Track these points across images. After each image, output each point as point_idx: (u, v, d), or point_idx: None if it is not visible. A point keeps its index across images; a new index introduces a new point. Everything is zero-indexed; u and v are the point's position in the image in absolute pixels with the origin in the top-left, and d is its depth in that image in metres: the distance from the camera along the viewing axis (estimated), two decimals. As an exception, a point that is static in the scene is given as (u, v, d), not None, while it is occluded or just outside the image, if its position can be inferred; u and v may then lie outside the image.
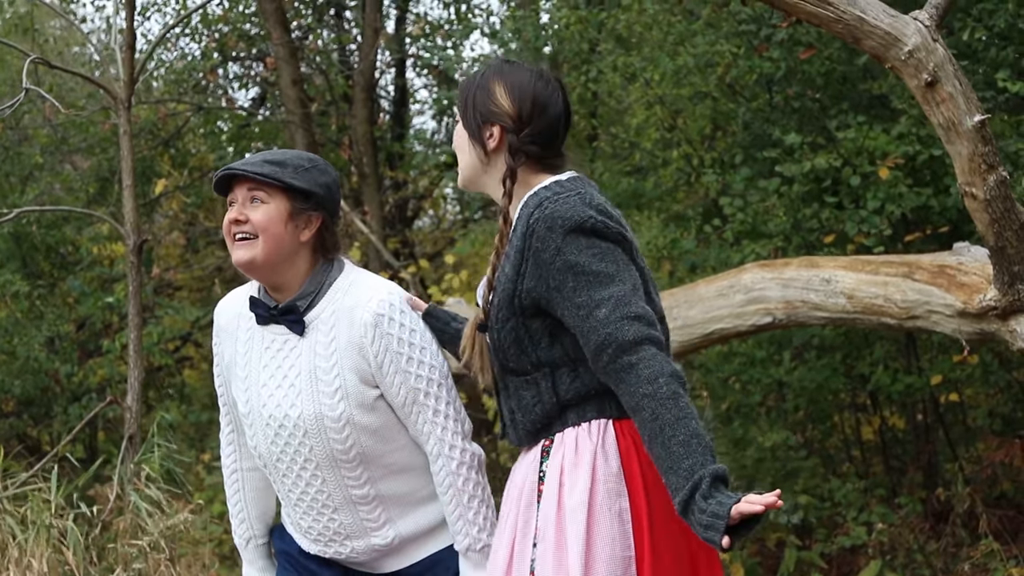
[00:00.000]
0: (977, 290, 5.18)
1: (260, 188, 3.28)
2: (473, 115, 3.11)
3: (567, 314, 2.90)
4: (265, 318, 3.37)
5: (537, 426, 3.03)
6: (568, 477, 2.93)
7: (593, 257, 2.88)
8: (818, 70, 7.38)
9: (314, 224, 3.34)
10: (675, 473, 2.71)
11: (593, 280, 2.86)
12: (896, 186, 6.82)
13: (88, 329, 11.17)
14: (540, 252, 2.91)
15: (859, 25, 4.64)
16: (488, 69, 3.16)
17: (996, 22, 6.82)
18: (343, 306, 3.32)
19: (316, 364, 3.31)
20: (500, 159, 3.09)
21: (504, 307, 2.99)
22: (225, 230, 3.34)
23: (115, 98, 6.50)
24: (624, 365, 2.81)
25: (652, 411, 2.75)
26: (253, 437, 3.43)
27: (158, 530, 5.82)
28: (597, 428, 2.95)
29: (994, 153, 4.65)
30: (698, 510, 2.66)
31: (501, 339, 3.02)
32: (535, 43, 8.91)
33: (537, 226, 2.91)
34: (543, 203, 2.95)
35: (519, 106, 3.07)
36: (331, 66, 11.82)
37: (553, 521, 2.93)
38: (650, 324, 2.85)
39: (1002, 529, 7.18)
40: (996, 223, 4.71)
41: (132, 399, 6.34)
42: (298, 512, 3.44)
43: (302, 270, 3.35)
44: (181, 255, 12.11)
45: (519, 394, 3.05)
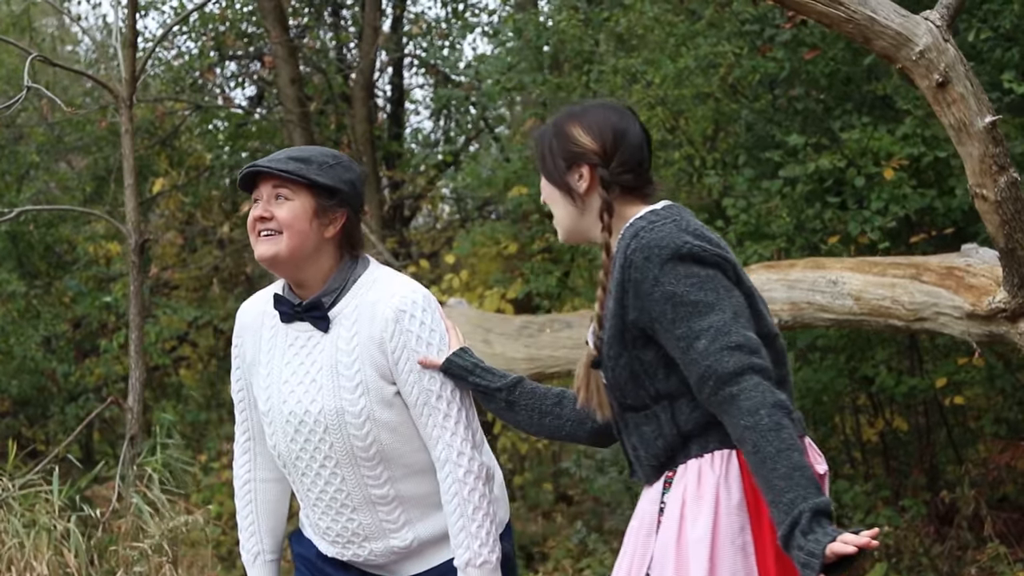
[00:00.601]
0: (986, 292, 5.16)
1: (285, 185, 3.27)
2: (555, 163, 3.08)
3: (669, 345, 2.87)
4: (290, 315, 3.35)
5: (661, 459, 2.98)
6: (690, 509, 2.88)
7: (691, 286, 2.85)
8: (822, 71, 7.35)
9: (339, 221, 3.32)
10: (776, 507, 2.69)
11: (692, 310, 2.83)
12: (900, 187, 6.80)
13: (84, 329, 11.13)
14: (640, 283, 2.88)
15: (870, 25, 4.61)
16: (558, 116, 3.14)
17: (1002, 23, 6.80)
18: (366, 301, 3.30)
19: (338, 359, 3.28)
20: (594, 199, 3.06)
21: (615, 342, 2.95)
22: (249, 227, 3.32)
23: (116, 96, 6.46)
24: (726, 397, 2.78)
25: (753, 443, 2.73)
26: (272, 436, 3.39)
27: (160, 532, 5.77)
28: (720, 459, 2.90)
29: (1005, 154, 4.62)
30: (796, 547, 2.64)
31: (616, 375, 2.98)
32: (536, 42, 8.87)
33: (635, 256, 2.89)
34: (639, 233, 2.92)
35: (601, 140, 3.04)
36: (330, 65, 11.78)
37: (672, 553, 2.88)
38: (752, 352, 2.80)
39: (1007, 532, 7.16)
40: (1006, 225, 4.68)
41: (133, 399, 6.29)
42: (316, 512, 3.40)
43: (326, 267, 3.33)
44: (178, 254, 12.07)
45: (640, 430, 3.00)
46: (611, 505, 8.19)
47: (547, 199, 3.14)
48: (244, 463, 3.56)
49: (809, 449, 2.94)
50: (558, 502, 10.28)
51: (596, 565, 8.19)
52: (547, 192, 3.13)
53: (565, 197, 3.08)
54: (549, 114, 9.17)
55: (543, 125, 3.19)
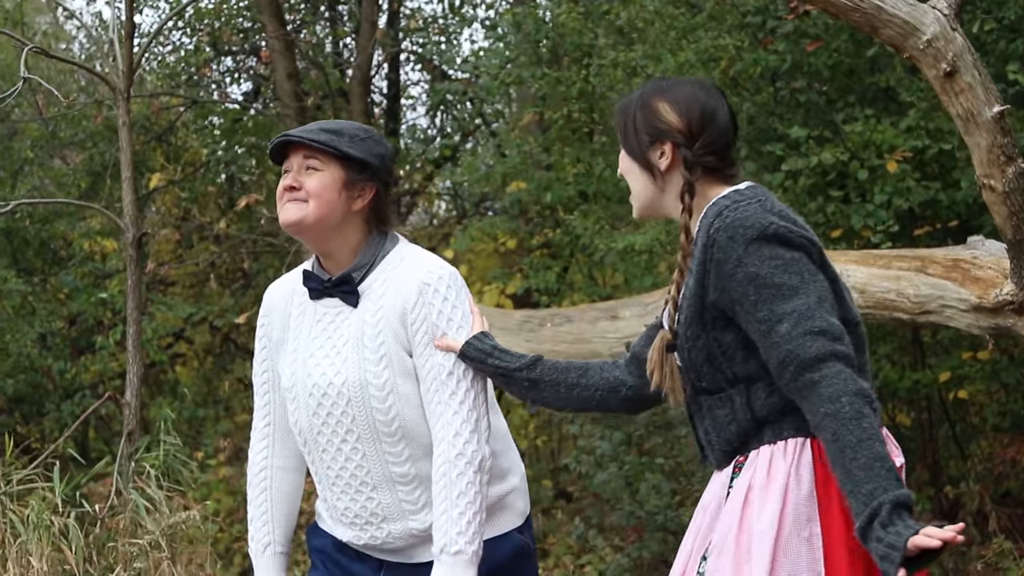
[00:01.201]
0: (992, 284, 5.14)
1: (315, 156, 3.28)
2: (638, 137, 3.01)
3: (750, 328, 2.82)
4: (319, 291, 3.35)
5: (733, 445, 2.93)
6: (756, 496, 2.82)
7: (776, 268, 2.79)
8: (824, 63, 7.32)
9: (367, 194, 3.32)
10: (855, 497, 2.64)
11: (775, 293, 2.78)
12: (904, 180, 6.76)
13: (80, 326, 11.07)
14: (722, 263, 2.82)
15: (877, 14, 4.58)
16: (645, 89, 3.08)
17: (1006, 14, 6.77)
18: (394, 276, 3.30)
19: (364, 331, 3.27)
20: (674, 178, 3.00)
21: (693, 323, 2.90)
22: (278, 196, 3.33)
23: (114, 88, 6.41)
24: (806, 383, 2.72)
25: (833, 432, 2.67)
26: (295, 412, 3.36)
27: (159, 529, 5.72)
28: (793, 447, 2.84)
29: (1013, 145, 4.60)
30: (875, 538, 2.58)
31: (693, 357, 2.92)
32: (535, 36, 8.82)
33: (718, 236, 2.83)
34: (723, 212, 2.86)
35: (688, 118, 2.98)
36: (327, 60, 11.72)
37: (732, 539, 2.82)
38: (835, 338, 2.74)
39: (1012, 527, 7.13)
40: (1015, 216, 4.66)
41: (131, 395, 6.24)
42: (335, 492, 3.35)
43: (353, 240, 3.33)
44: (174, 251, 12.01)
45: (713, 413, 2.95)
46: (611, 502, 8.13)
47: (625, 172, 3.08)
48: (261, 449, 3.52)
49: (888, 440, 2.87)
50: (558, 499, 10.23)
51: (596, 561, 8.15)
52: (625, 165, 3.07)
53: (644, 173, 3.02)
54: (548, 109, 9.16)
55: (628, 96, 3.13)
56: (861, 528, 2.61)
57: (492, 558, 3.33)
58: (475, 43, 16.46)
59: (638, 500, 7.42)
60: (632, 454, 7.71)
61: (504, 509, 3.41)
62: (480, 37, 15.85)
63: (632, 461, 7.53)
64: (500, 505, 3.39)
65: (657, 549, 7.25)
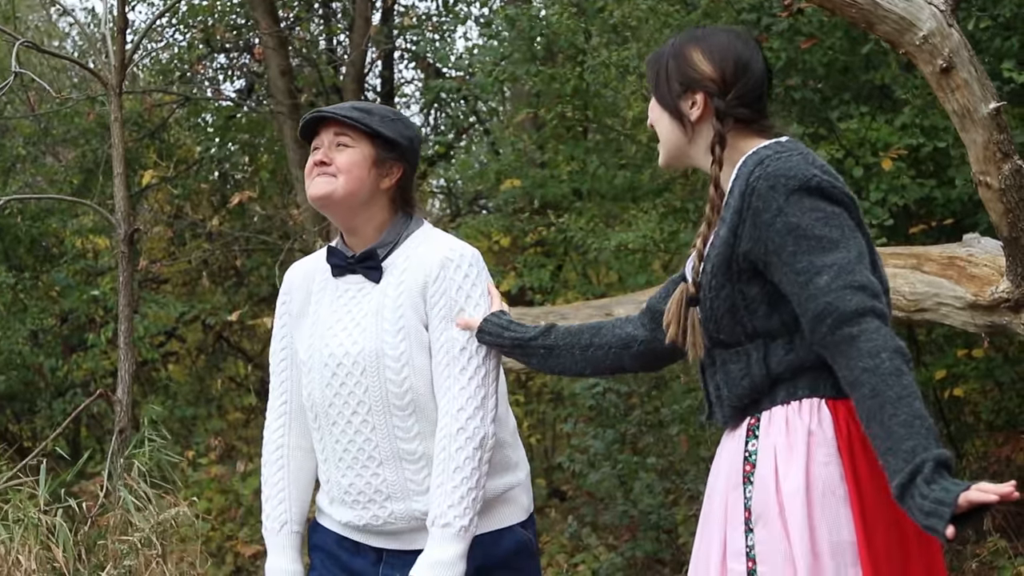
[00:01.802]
0: (988, 282, 5.11)
1: (347, 132, 3.33)
2: (669, 86, 2.96)
3: (785, 280, 2.73)
4: (342, 268, 3.38)
5: (744, 401, 2.84)
6: (783, 459, 2.75)
7: (817, 220, 2.72)
8: (820, 60, 7.29)
9: (395, 174, 3.37)
10: (894, 454, 2.53)
11: (816, 245, 2.70)
12: (899, 177, 6.74)
13: (72, 323, 11.03)
14: (760, 212, 2.74)
15: (873, 9, 4.55)
16: (680, 37, 3.02)
17: (1001, 12, 6.75)
18: (417, 253, 3.33)
19: (384, 304, 3.29)
20: (705, 128, 2.94)
21: (719, 273, 2.82)
22: (307, 171, 3.37)
23: (106, 84, 6.38)
24: (844, 337, 2.63)
25: (872, 387, 2.57)
26: (309, 384, 3.37)
27: (149, 526, 5.69)
28: (809, 407, 2.76)
29: (1009, 141, 4.57)
30: (919, 495, 2.46)
31: (715, 308, 2.84)
32: (529, 34, 8.80)
33: (758, 184, 2.76)
34: (764, 161, 2.79)
35: (722, 68, 2.92)
36: (320, 57, 11.69)
37: (774, 506, 2.74)
38: (874, 295, 2.66)
39: (1007, 526, 7.11)
40: (1010, 213, 4.63)
41: (122, 392, 6.21)
42: (341, 468, 3.33)
43: (379, 219, 3.38)
44: (167, 248, 11.98)
45: (726, 367, 2.87)
46: (605, 500, 8.12)
47: (654, 121, 3.03)
48: (278, 427, 3.51)
49: None
50: (551, 497, 10.22)
51: (590, 560, 8.13)
52: (655, 114, 3.02)
53: (674, 122, 2.97)
54: (542, 107, 9.13)
55: (662, 45, 3.08)
56: (901, 485, 2.50)
57: (493, 551, 3.32)
58: (469, 40, 16.45)
59: (631, 499, 7.41)
60: (626, 452, 7.70)
61: (508, 502, 3.39)
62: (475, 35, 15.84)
63: (625, 460, 7.51)
64: (504, 498, 3.37)
65: (651, 548, 7.24)
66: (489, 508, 3.31)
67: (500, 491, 3.35)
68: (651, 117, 3.05)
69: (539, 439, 11.07)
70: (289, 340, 3.49)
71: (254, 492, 9.31)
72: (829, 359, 2.69)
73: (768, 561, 2.73)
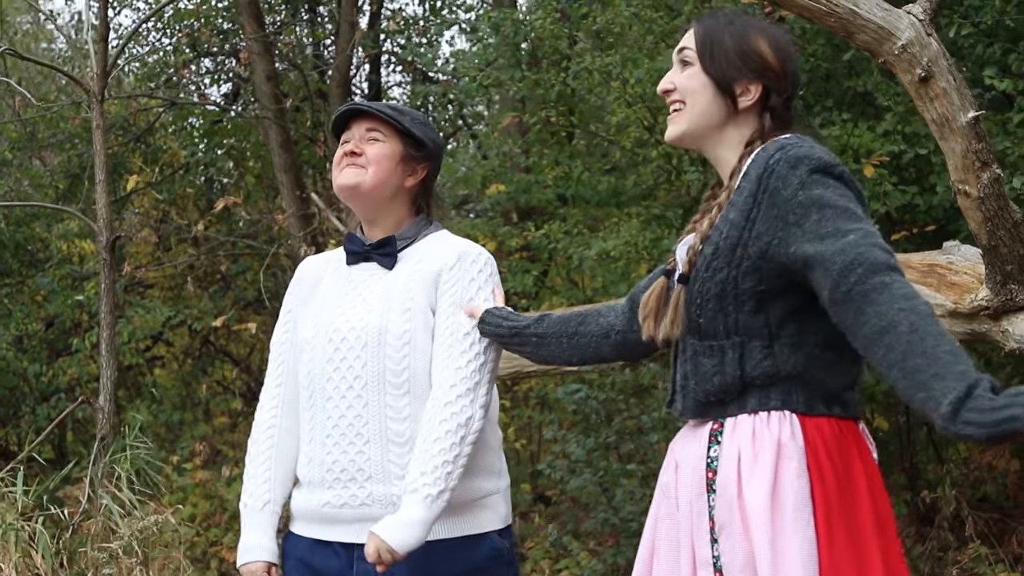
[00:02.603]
0: (968, 290, 5.11)
1: (379, 128, 3.44)
2: (728, 61, 2.88)
3: (807, 246, 2.64)
4: (357, 254, 3.48)
5: (710, 398, 2.81)
6: (746, 467, 2.72)
7: (838, 196, 2.68)
8: (802, 67, 7.29)
9: (420, 174, 3.48)
10: (942, 378, 2.38)
11: (842, 213, 2.65)
12: (881, 184, 6.75)
13: (57, 328, 11.02)
14: (779, 190, 2.71)
15: (852, 19, 4.56)
16: (737, 17, 2.94)
17: (983, 19, 6.75)
18: (433, 249, 3.42)
19: (393, 287, 3.38)
20: (745, 119, 2.90)
21: (722, 255, 2.77)
22: (335, 162, 3.48)
23: (87, 91, 6.37)
24: (876, 285, 2.53)
25: (911, 324, 2.45)
26: (310, 361, 3.42)
27: (129, 533, 5.67)
28: (778, 420, 2.73)
29: (988, 150, 4.57)
30: (986, 400, 2.32)
31: (704, 290, 2.79)
32: (513, 39, 8.80)
33: (777, 166, 2.73)
34: (785, 147, 2.76)
35: (783, 65, 2.90)
36: (305, 62, 11.68)
37: (737, 515, 2.71)
38: (896, 265, 2.59)
39: (988, 532, 7.12)
40: (989, 221, 4.64)
41: (104, 399, 6.20)
42: (327, 446, 3.35)
43: (399, 215, 3.48)
44: (152, 253, 11.96)
45: (697, 360, 2.83)
46: (588, 506, 8.12)
47: (689, 90, 2.92)
48: (271, 408, 3.54)
49: (864, 434, 2.81)
50: (536, 503, 10.21)
51: (573, 566, 8.13)
52: (695, 83, 2.91)
53: (719, 99, 2.90)
54: (526, 112, 9.12)
55: (715, 15, 2.98)
56: (958, 399, 2.35)
57: (469, 556, 3.32)
58: (453, 46, 16.45)
59: (614, 506, 7.41)
60: (612, 458, 7.69)
61: (487, 508, 3.39)
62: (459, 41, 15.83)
63: (607, 467, 7.51)
64: (484, 503, 3.38)
65: (633, 555, 7.22)
66: (468, 511, 3.33)
67: (481, 495, 3.36)
68: (682, 84, 2.94)
69: (524, 443, 11.07)
70: (292, 327, 3.55)
71: (239, 497, 9.29)
72: (851, 314, 2.57)
73: (733, 572, 2.71)
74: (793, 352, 2.75)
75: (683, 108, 2.94)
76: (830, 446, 2.73)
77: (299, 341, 3.50)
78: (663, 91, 2.98)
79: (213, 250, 11.55)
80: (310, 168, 11.66)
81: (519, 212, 10.04)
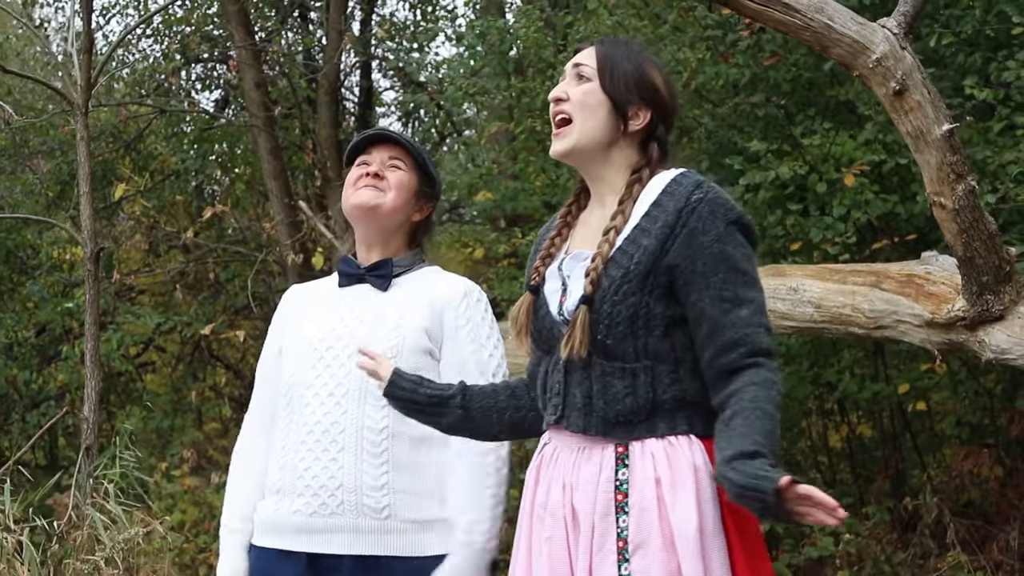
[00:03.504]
0: (945, 300, 5.14)
1: (401, 158, 3.52)
2: (626, 87, 2.97)
3: (707, 303, 2.80)
4: (350, 276, 3.52)
5: (619, 419, 2.85)
6: (668, 491, 2.79)
7: (744, 257, 2.82)
8: (784, 76, 7.32)
9: (425, 210, 3.57)
10: (744, 437, 2.66)
11: (743, 278, 2.81)
12: (862, 193, 6.77)
13: (48, 335, 11.04)
14: (699, 233, 2.80)
15: (827, 33, 4.60)
16: (635, 47, 3.05)
17: (963, 28, 6.78)
18: (429, 279, 3.50)
19: (388, 307, 3.43)
20: (630, 143, 2.98)
21: (634, 280, 2.84)
22: (351, 182, 3.52)
23: (72, 104, 6.39)
24: (751, 364, 2.76)
25: (754, 395, 2.71)
26: (292, 367, 3.47)
27: (113, 544, 5.69)
28: (687, 445, 2.83)
29: (963, 162, 4.61)
30: (750, 467, 2.60)
31: (615, 313, 2.84)
32: (500, 47, 8.83)
33: (700, 207, 2.81)
34: (701, 184, 2.86)
35: (670, 97, 3.02)
36: (294, 69, 11.70)
37: (657, 536, 2.78)
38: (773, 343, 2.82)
39: (969, 539, 7.14)
40: (965, 233, 4.67)
41: (89, 410, 6.22)
42: (300, 452, 3.37)
43: (398, 244, 3.54)
44: (143, 259, 11.98)
45: (606, 380, 2.86)
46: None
47: (584, 105, 2.99)
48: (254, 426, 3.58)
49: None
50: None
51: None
52: (593, 100, 2.98)
53: (612, 119, 2.97)
54: (513, 120, 9.15)
55: (612, 39, 3.08)
56: (741, 453, 2.62)
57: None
58: (439, 55, 16.49)
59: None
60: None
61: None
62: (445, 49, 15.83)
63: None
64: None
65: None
66: (438, 531, 3.36)
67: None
68: (578, 98, 3.00)
69: (514, 449, 11.07)
70: (276, 351, 3.57)
71: (227, 504, 9.29)
72: (719, 382, 2.79)
73: None
74: (694, 378, 2.85)
75: (572, 123, 3.00)
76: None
77: (283, 349, 3.54)
78: (555, 98, 3.04)
79: (203, 257, 11.57)
80: (299, 175, 11.69)
81: (506, 219, 10.06)
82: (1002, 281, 4.81)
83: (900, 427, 8.42)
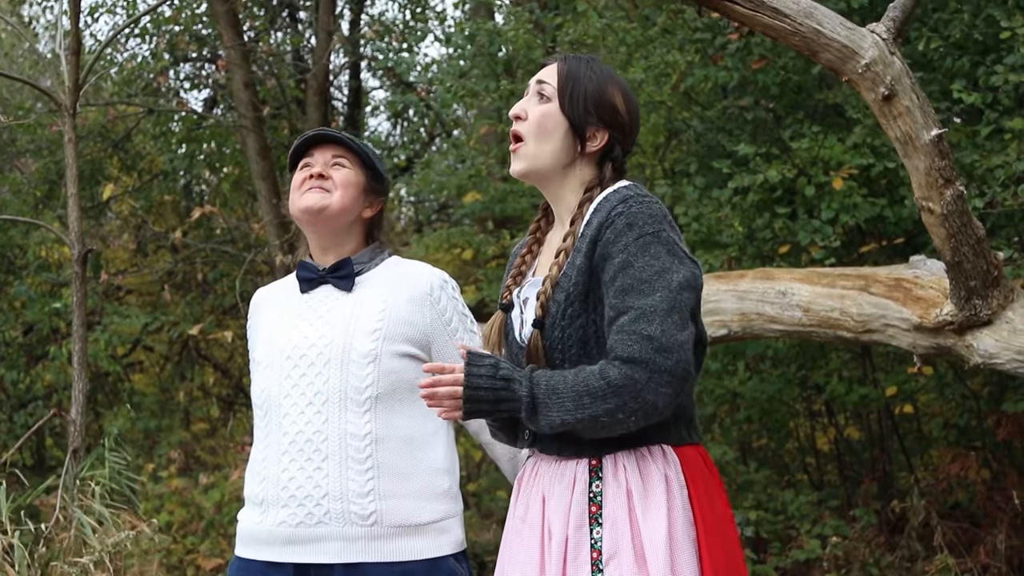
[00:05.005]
0: (933, 304, 5.15)
1: (346, 156, 3.48)
2: (586, 109, 2.99)
3: (605, 311, 2.83)
4: (311, 280, 3.46)
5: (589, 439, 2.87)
6: (639, 502, 2.82)
7: (647, 266, 2.79)
8: (773, 80, 7.33)
9: (376, 206, 3.53)
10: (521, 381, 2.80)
11: (640, 287, 2.77)
12: (851, 196, 6.78)
13: (35, 334, 11.02)
14: (610, 244, 2.82)
15: (816, 38, 4.60)
16: (600, 68, 3.05)
17: (952, 32, 6.79)
18: (397, 272, 3.45)
19: (360, 309, 3.38)
20: (587, 163, 3.00)
21: (577, 302, 2.87)
22: (296, 185, 3.47)
23: (60, 105, 6.37)
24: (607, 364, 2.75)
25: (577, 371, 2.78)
26: (265, 379, 3.42)
27: (101, 547, 5.67)
28: (660, 455, 2.85)
29: (951, 167, 4.62)
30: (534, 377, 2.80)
31: (566, 336, 2.89)
32: (489, 49, 8.82)
33: (618, 220, 2.83)
34: (628, 200, 2.86)
35: (631, 119, 3.04)
36: (283, 69, 11.69)
37: (629, 547, 2.80)
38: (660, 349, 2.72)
39: (956, 542, 7.15)
40: (953, 238, 4.68)
41: (76, 412, 6.20)
42: (283, 463, 3.34)
43: (354, 244, 3.49)
44: (131, 259, 11.96)
45: None
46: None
47: (540, 125, 3.01)
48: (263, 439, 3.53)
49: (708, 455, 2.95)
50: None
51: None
52: (552, 122, 3.01)
53: (569, 140, 3.00)
54: (503, 122, 9.15)
55: (576, 57, 3.08)
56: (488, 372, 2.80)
57: None
58: (428, 57, 16.47)
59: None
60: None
61: (444, 532, 3.39)
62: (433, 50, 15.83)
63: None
64: (441, 527, 3.38)
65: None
66: (425, 535, 3.34)
67: (438, 518, 3.37)
68: (536, 119, 3.02)
69: (502, 450, 11.06)
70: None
71: (215, 505, 9.30)
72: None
73: None
74: None
75: (524, 144, 3.02)
76: (698, 474, 2.87)
77: (254, 362, 3.52)
78: (515, 116, 3.06)
79: (191, 256, 11.55)
80: (287, 175, 11.66)
81: (495, 221, 10.06)
82: (990, 286, 4.82)
83: (887, 430, 8.43)
